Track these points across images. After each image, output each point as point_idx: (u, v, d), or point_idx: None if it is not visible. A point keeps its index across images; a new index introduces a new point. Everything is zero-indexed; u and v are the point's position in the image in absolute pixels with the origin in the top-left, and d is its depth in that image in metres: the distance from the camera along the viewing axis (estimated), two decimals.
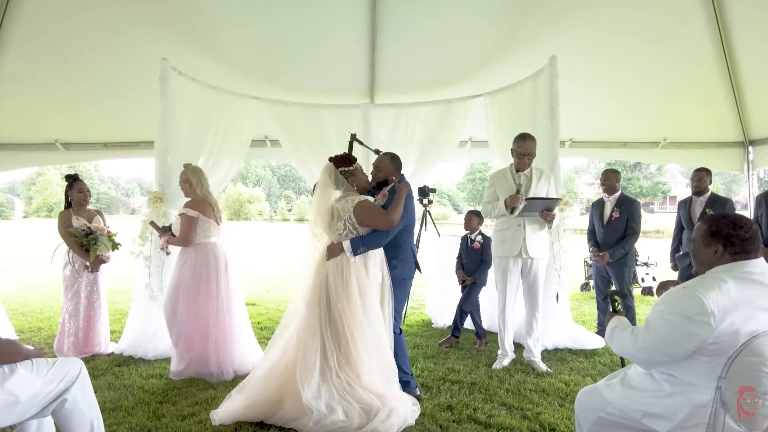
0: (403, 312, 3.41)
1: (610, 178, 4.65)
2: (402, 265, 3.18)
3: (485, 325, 4.93)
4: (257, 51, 5.22)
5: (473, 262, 4.54)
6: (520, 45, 5.11)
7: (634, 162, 44.28)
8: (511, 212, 3.73)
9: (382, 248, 3.09)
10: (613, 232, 4.50)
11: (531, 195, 3.75)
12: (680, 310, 1.66)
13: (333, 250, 2.96)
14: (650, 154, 6.81)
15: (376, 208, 3.08)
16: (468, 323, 4.66)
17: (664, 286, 2.08)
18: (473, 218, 4.61)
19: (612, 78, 5.53)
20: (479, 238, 4.56)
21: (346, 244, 2.92)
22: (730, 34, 4.81)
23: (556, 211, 3.80)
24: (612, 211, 4.54)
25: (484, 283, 4.57)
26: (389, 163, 3.25)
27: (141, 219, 4.21)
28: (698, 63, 5.16)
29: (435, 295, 5.31)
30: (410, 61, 5.50)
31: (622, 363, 2.13)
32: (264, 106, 5.38)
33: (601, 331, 4.64)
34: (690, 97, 5.66)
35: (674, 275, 4.75)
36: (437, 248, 5.46)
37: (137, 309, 4.23)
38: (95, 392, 2.05)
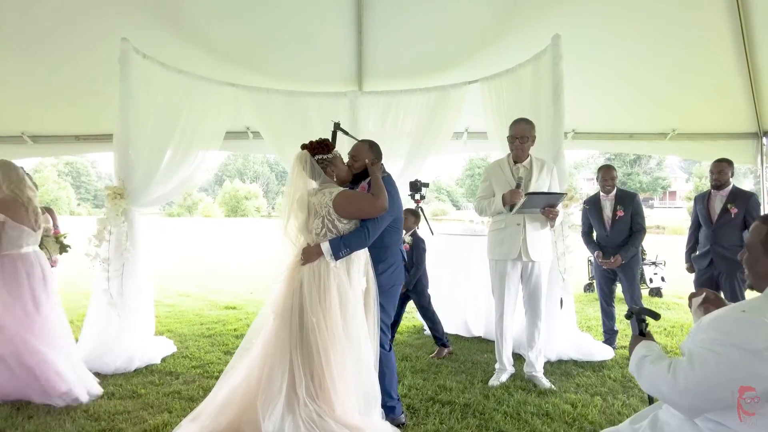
0: (392, 322, 2.94)
1: (611, 176, 4.31)
2: (390, 270, 2.74)
3: (480, 332, 4.53)
4: (233, 33, 4.77)
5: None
6: (520, 26, 4.68)
7: (634, 156, 43.95)
8: (510, 209, 3.31)
9: (366, 250, 2.66)
10: (619, 232, 4.15)
11: (531, 189, 3.31)
12: (740, 341, 1.23)
13: (309, 254, 2.52)
14: (657, 145, 6.47)
15: (360, 193, 2.65)
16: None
17: (705, 301, 1.63)
18: (409, 217, 4.13)
19: (618, 64, 5.09)
20: (409, 238, 4.11)
21: (325, 246, 2.49)
22: (750, 17, 4.39)
23: (560, 207, 3.36)
24: (616, 210, 4.18)
25: (422, 291, 4.14)
26: (368, 151, 2.81)
27: (98, 217, 3.77)
28: (713, 49, 4.76)
29: None
30: (401, 45, 5.08)
31: (650, 400, 1.70)
32: (241, 93, 4.97)
33: (608, 340, 4.22)
34: (701, 86, 5.27)
35: (690, 277, 4.32)
36: (431, 248, 5.01)
37: (94, 317, 3.80)
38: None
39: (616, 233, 4.17)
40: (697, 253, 4.12)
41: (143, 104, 4.08)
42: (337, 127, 4.10)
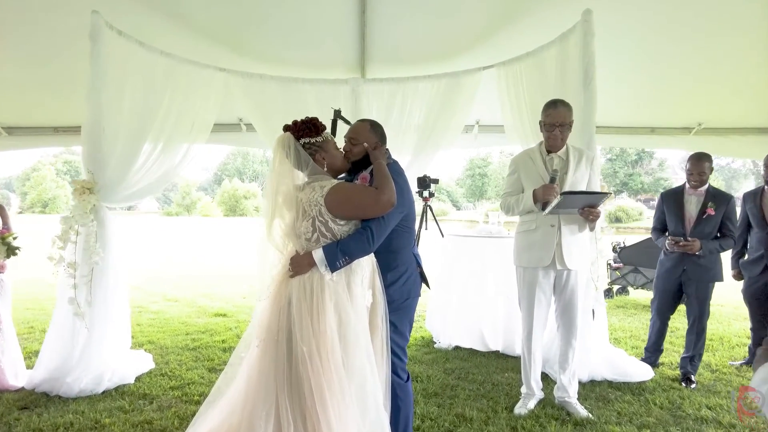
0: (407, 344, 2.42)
1: (702, 168, 3.54)
2: (402, 280, 2.24)
3: (498, 346, 4.04)
4: (222, 11, 4.26)
5: None
6: (542, 4, 4.19)
7: (636, 156, 43.47)
8: (543, 208, 2.82)
9: (372, 255, 2.18)
10: (702, 234, 3.48)
11: (568, 184, 2.82)
12: None
13: (299, 265, 2.02)
14: (681, 141, 5.99)
15: (359, 186, 2.15)
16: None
17: None
18: None
19: (638, 53, 4.57)
20: None
21: (318, 255, 1.99)
22: None
23: (601, 207, 2.85)
24: (705, 207, 3.49)
25: None
26: (369, 132, 2.31)
27: (62, 216, 3.28)
28: (745, 38, 4.23)
29: (438, 306, 4.38)
30: (408, 26, 4.56)
31: None
32: (232, 79, 4.52)
33: (648, 358, 3.72)
34: (731, 77, 4.75)
35: (738, 285, 3.84)
36: (440, 250, 4.54)
37: (58, 330, 3.31)
38: None
39: (698, 234, 3.48)
40: (747, 258, 3.63)
41: (118, 88, 3.59)
42: (337, 114, 3.61)
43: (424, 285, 2.36)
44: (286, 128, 2.17)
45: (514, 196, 3.00)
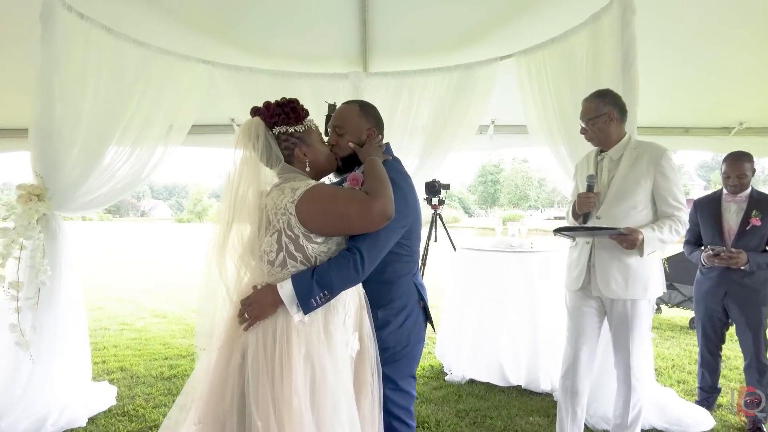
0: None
1: (742, 170, 2.92)
2: (399, 319, 1.68)
3: (521, 381, 3.43)
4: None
5: None
6: None
7: None
8: (584, 221, 2.25)
9: (359, 287, 1.63)
10: (747, 249, 2.83)
11: (614, 190, 2.22)
12: None
13: (258, 305, 1.46)
14: (719, 142, 5.39)
15: (345, 190, 1.59)
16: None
17: None
18: None
19: (672, 46, 3.97)
20: None
21: (286, 290, 1.44)
22: None
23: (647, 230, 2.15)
24: (750, 216, 2.85)
25: None
26: (358, 116, 1.77)
27: (1, 227, 2.78)
28: None
29: (450, 332, 3.79)
30: (415, 13, 4.03)
31: None
32: (218, 73, 4.09)
33: (705, 400, 3.08)
34: None
35: None
36: (451, 265, 3.97)
37: None
38: None
39: (743, 246, 2.86)
40: None
41: (79, 79, 3.11)
42: (332, 110, 3.08)
43: (429, 325, 1.80)
44: (255, 111, 1.62)
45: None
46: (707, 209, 3.06)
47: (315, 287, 1.44)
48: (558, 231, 2.27)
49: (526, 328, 3.40)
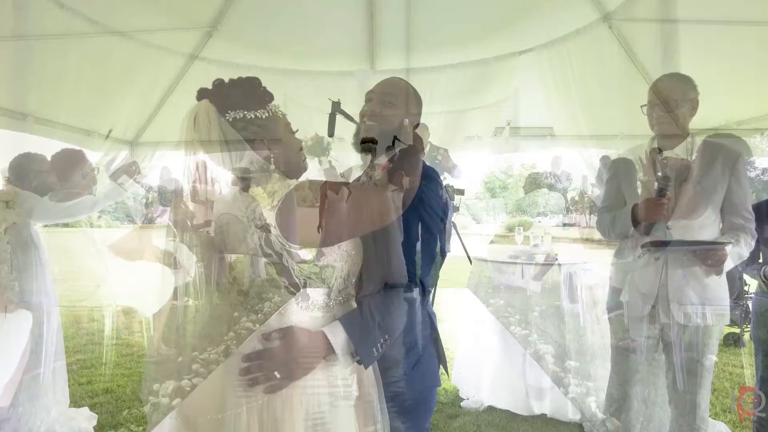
0: None
1: None
2: (410, 360, 1.36)
3: (545, 410, 3.06)
4: None
5: None
6: None
7: None
8: (646, 233, 1.90)
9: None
10: None
11: (687, 197, 1.88)
12: None
13: (304, 351, 1.15)
14: (755, 142, 4.99)
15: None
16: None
17: None
18: None
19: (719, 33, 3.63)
20: None
21: (339, 337, 1.15)
22: None
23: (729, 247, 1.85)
24: None
25: None
26: (407, 98, 1.50)
27: None
28: None
29: (467, 354, 3.45)
30: (427, 5, 3.78)
31: None
32: (214, 70, 3.76)
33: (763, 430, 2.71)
34: None
35: None
36: (468, 279, 3.63)
37: None
38: None
39: None
40: None
41: (56, 72, 2.85)
42: (336, 108, 2.78)
43: (442, 369, 1.48)
44: (203, 94, 1.27)
45: (613, 212, 2.08)
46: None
47: (376, 331, 1.17)
48: (649, 245, 1.91)
49: (552, 351, 3.06)
